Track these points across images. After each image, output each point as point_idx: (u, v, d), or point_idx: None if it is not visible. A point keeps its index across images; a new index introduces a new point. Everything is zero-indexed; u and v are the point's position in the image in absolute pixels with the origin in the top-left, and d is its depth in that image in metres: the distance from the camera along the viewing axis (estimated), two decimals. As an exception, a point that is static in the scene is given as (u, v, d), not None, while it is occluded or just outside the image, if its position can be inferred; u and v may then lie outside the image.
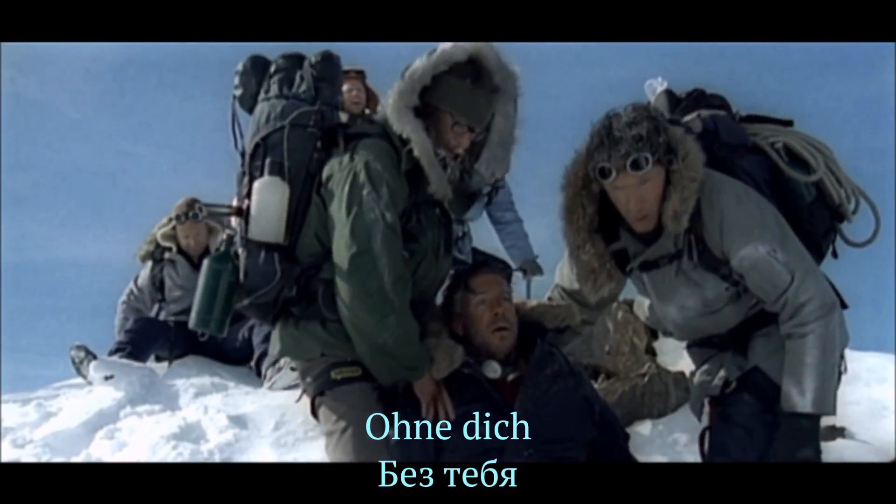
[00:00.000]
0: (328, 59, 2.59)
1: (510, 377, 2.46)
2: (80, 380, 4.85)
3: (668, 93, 2.59)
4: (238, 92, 2.61)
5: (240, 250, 2.42)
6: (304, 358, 2.41)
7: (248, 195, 2.40)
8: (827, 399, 2.25)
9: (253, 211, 2.35)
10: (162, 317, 5.19)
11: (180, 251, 5.21)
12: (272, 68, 2.59)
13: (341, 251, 2.23)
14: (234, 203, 2.56)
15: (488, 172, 2.45)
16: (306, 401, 2.56)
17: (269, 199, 2.32)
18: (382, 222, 2.19)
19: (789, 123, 2.59)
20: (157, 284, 5.19)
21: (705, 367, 2.61)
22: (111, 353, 4.87)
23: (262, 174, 2.37)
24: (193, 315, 2.40)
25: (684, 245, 2.33)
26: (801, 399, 2.23)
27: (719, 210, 2.28)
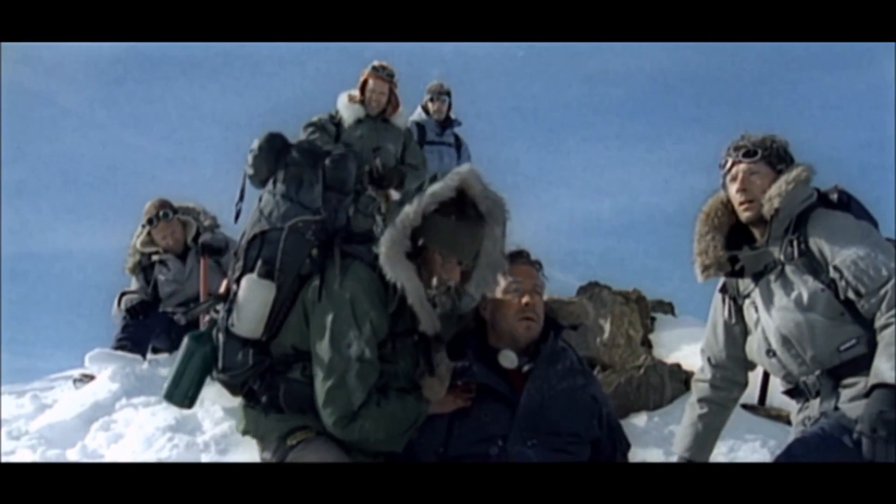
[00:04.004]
0: (342, 166, 2.62)
1: (525, 368, 2.47)
2: (75, 371, 4.86)
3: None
4: (250, 172, 2.65)
5: (219, 333, 2.47)
6: (262, 438, 2.45)
7: (238, 283, 2.45)
8: None
9: (237, 305, 2.41)
10: (161, 308, 5.15)
11: (166, 250, 5.21)
12: (287, 159, 2.60)
13: (319, 380, 2.32)
14: (224, 284, 2.61)
15: (478, 294, 2.52)
16: None
17: (253, 298, 2.39)
18: (358, 361, 2.28)
19: None
20: (151, 289, 5.19)
21: (799, 414, 2.63)
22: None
23: (253, 271, 2.42)
24: (165, 385, 2.48)
25: (788, 244, 2.54)
26: (890, 372, 2.28)
27: (825, 221, 2.54)
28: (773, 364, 2.62)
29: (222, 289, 2.57)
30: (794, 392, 2.61)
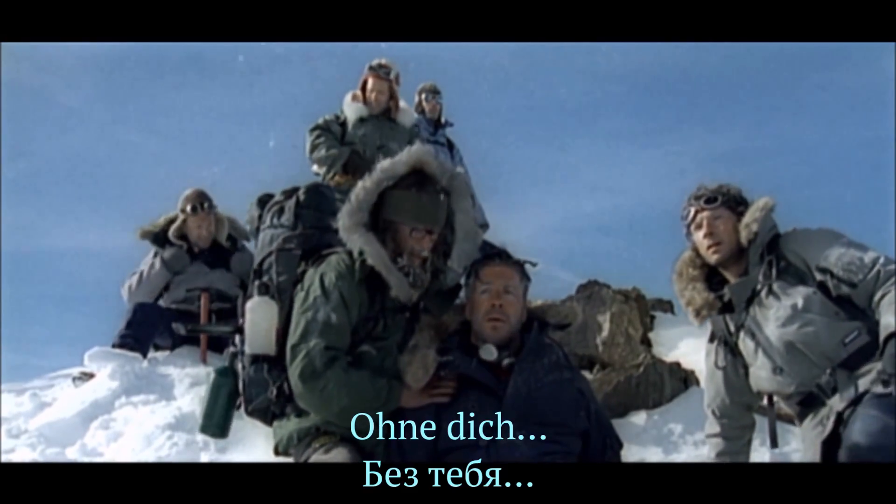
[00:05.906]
0: (312, 190, 2.84)
1: (505, 362, 2.51)
2: (75, 370, 4.85)
3: None
4: (248, 227, 3.03)
5: (238, 363, 2.66)
6: (289, 449, 2.53)
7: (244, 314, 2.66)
8: None
9: (246, 329, 2.60)
10: (163, 304, 5.18)
11: (195, 244, 5.18)
12: (271, 202, 2.86)
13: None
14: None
15: (461, 267, 2.62)
16: None
17: (257, 317, 2.58)
18: (324, 324, 2.41)
19: None
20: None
21: (813, 420, 2.65)
22: (114, 347, 4.85)
23: (252, 295, 2.63)
24: (199, 420, 2.75)
25: (767, 265, 2.68)
26: None
27: (797, 236, 2.72)
28: (782, 382, 2.66)
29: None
30: (807, 401, 2.63)
